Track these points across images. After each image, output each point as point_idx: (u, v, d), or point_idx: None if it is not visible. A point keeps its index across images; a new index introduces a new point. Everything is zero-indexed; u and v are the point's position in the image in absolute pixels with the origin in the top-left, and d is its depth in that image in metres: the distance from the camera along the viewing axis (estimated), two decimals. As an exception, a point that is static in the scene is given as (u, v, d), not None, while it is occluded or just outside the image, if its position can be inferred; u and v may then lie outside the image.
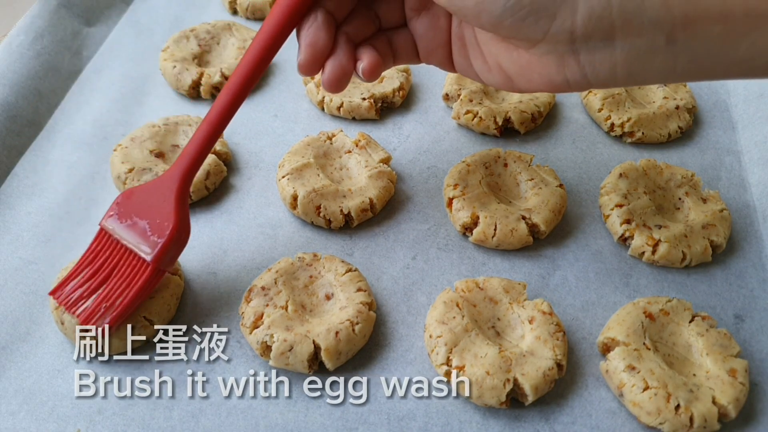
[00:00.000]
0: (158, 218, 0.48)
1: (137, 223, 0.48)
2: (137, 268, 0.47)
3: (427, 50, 0.50)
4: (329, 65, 0.47)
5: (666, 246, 0.56)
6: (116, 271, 0.48)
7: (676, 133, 0.68)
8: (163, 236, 0.47)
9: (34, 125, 0.68)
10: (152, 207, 0.49)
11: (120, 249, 0.48)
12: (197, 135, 0.49)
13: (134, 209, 0.49)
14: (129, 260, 0.48)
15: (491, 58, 0.46)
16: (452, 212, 0.59)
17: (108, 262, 0.48)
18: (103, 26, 0.81)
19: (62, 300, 0.49)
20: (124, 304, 0.47)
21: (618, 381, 0.48)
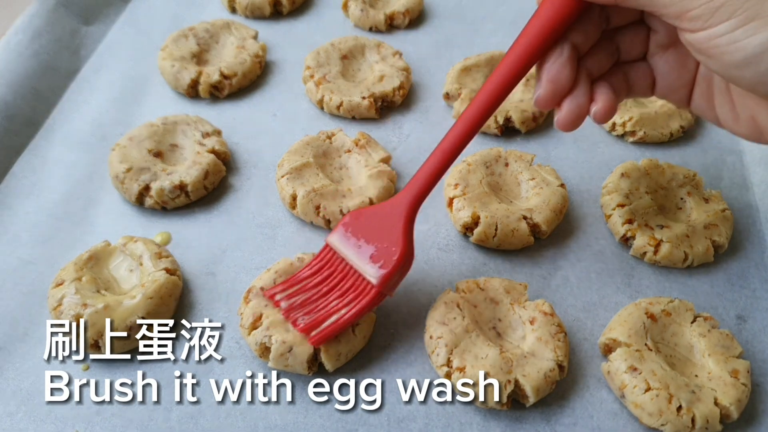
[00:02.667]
0: (386, 243, 0.48)
1: (364, 245, 0.48)
2: (360, 289, 0.47)
3: (667, 88, 0.48)
4: (567, 105, 0.44)
5: (668, 246, 0.55)
6: (338, 288, 0.48)
7: (678, 133, 0.67)
8: (391, 261, 0.47)
9: (32, 124, 0.68)
10: (380, 231, 0.49)
11: (345, 268, 0.49)
12: (430, 162, 0.49)
13: (362, 230, 0.49)
14: (353, 280, 0.48)
15: (744, 110, 0.43)
16: (453, 212, 0.59)
17: (331, 278, 0.49)
18: (101, 25, 0.81)
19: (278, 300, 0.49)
20: (342, 321, 0.47)
21: (620, 382, 0.48)
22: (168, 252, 0.56)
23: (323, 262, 0.50)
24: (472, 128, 0.47)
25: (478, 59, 0.73)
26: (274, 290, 0.50)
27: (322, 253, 0.50)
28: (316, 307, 0.48)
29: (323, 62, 0.72)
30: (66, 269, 0.53)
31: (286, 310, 0.49)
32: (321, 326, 0.47)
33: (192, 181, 0.60)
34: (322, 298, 0.49)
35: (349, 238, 0.49)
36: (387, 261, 0.47)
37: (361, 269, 0.48)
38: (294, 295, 0.49)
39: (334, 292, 0.48)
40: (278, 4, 0.83)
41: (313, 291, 0.49)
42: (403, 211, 0.49)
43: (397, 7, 0.81)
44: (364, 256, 0.48)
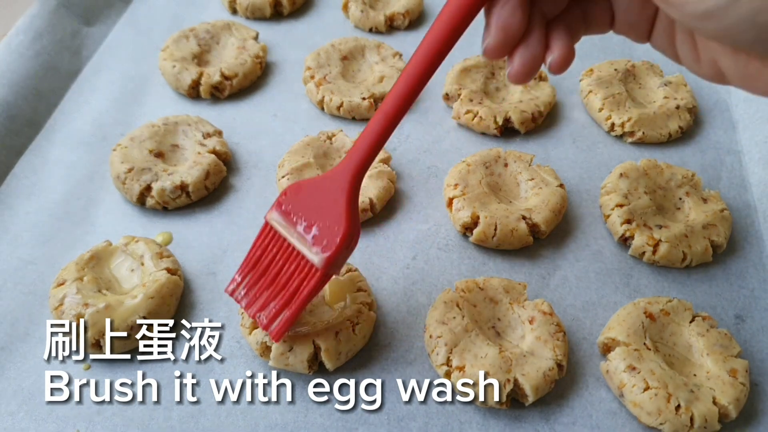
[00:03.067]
0: (328, 220, 0.44)
1: (305, 222, 0.45)
2: (305, 272, 0.44)
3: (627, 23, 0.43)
4: (519, 56, 0.40)
5: (666, 246, 0.56)
6: (284, 272, 0.45)
7: (676, 133, 0.68)
8: (334, 242, 0.43)
9: (33, 125, 0.68)
10: (321, 207, 0.45)
11: (287, 249, 0.45)
12: (371, 128, 0.44)
13: (302, 206, 0.45)
14: (297, 262, 0.45)
15: (706, 53, 0.40)
16: (452, 212, 0.59)
17: (275, 261, 0.46)
18: (102, 26, 0.81)
19: (242, 301, 0.47)
20: (293, 310, 0.45)
21: (618, 381, 0.48)
22: (169, 252, 0.56)
23: (267, 241, 0.47)
24: (415, 85, 0.42)
25: (477, 60, 0.73)
26: (232, 286, 0.48)
27: (263, 232, 0.47)
28: (268, 300, 0.46)
29: (323, 63, 0.72)
30: (67, 269, 0.53)
31: (246, 307, 0.47)
32: (276, 320, 0.45)
33: (193, 182, 0.60)
34: (271, 287, 0.46)
35: (288, 214, 0.46)
36: (330, 241, 0.44)
37: (303, 251, 0.44)
38: (249, 288, 0.47)
39: (281, 278, 0.45)
40: (279, 5, 0.83)
41: (261, 280, 0.46)
42: (344, 184, 0.45)
43: (397, 8, 0.81)
44: (306, 236, 0.44)
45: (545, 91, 0.70)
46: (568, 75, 0.75)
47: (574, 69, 0.75)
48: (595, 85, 0.71)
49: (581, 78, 0.73)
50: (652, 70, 0.73)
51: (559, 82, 0.74)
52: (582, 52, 0.79)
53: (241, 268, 0.48)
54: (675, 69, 0.76)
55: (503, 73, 0.73)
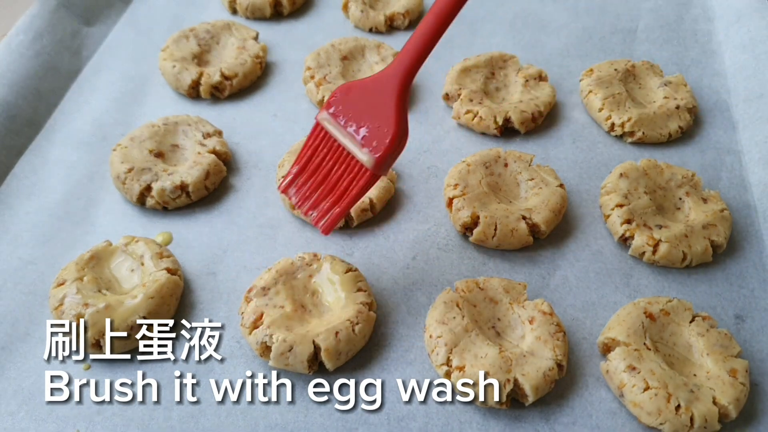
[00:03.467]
0: (378, 122, 0.45)
1: (354, 123, 0.45)
2: (354, 172, 0.45)
3: None
4: None
5: (666, 246, 0.56)
6: (334, 171, 0.47)
7: (676, 133, 0.68)
8: (383, 144, 0.44)
9: (33, 125, 0.68)
10: (371, 108, 0.45)
11: (337, 149, 0.46)
12: (422, 29, 0.44)
13: (351, 107, 0.46)
14: (347, 162, 0.46)
15: None
16: (452, 212, 0.59)
17: (326, 161, 0.47)
18: (102, 26, 0.81)
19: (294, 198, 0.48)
20: (342, 207, 0.46)
21: (618, 381, 0.48)
22: (169, 252, 0.56)
23: (317, 142, 0.47)
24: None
25: (477, 60, 0.73)
26: (284, 183, 0.49)
27: (314, 132, 0.48)
28: (319, 198, 0.47)
29: (323, 63, 0.72)
30: (67, 269, 0.53)
31: (298, 204, 0.48)
32: (326, 217, 0.47)
33: (193, 182, 0.60)
34: (322, 185, 0.47)
35: (338, 115, 0.46)
36: (380, 143, 0.44)
37: (353, 152, 0.45)
38: (300, 187, 0.48)
39: (331, 177, 0.47)
40: (279, 5, 0.83)
41: (313, 178, 0.48)
42: (394, 86, 0.45)
43: (397, 8, 0.81)
44: (356, 136, 0.45)
45: (545, 91, 0.70)
46: (568, 75, 0.75)
47: (574, 69, 0.76)
48: (595, 85, 0.71)
49: (581, 78, 0.73)
50: (652, 70, 0.73)
51: (559, 82, 0.74)
52: (582, 52, 0.79)
53: (294, 165, 0.48)
54: (675, 69, 0.76)
55: (503, 73, 0.73)
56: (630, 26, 0.82)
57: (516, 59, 0.74)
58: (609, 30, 0.82)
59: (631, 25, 0.82)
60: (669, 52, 0.78)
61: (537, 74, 0.72)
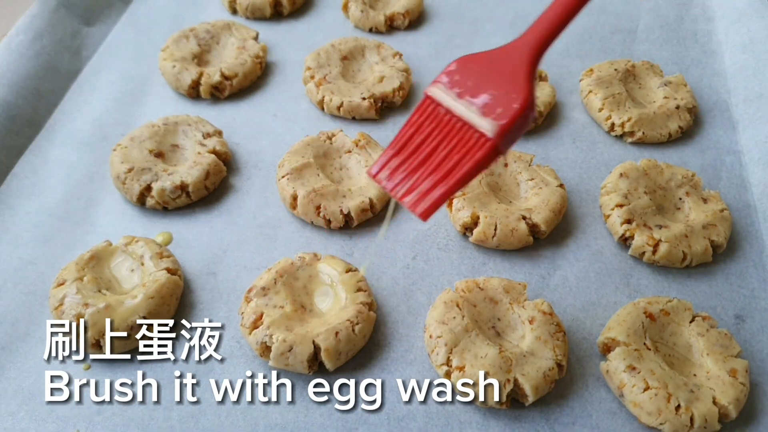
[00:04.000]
0: (504, 89, 0.40)
1: (475, 92, 0.40)
2: (471, 144, 0.39)
3: None
4: None
5: (666, 246, 0.56)
6: (442, 147, 0.40)
7: (676, 133, 0.68)
8: (510, 109, 0.39)
9: (33, 125, 0.68)
10: (497, 76, 0.40)
11: (450, 121, 0.40)
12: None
13: (472, 77, 0.41)
14: (460, 135, 0.40)
15: None
16: (452, 212, 0.59)
17: (431, 137, 0.41)
18: (102, 26, 0.81)
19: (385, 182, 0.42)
20: (450, 184, 0.40)
21: (618, 381, 0.48)
22: (169, 252, 0.56)
23: (423, 118, 0.42)
24: None
25: (477, 60, 0.73)
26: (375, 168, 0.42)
27: (420, 108, 0.42)
28: (420, 178, 0.40)
29: (323, 63, 0.72)
30: (67, 269, 0.53)
31: (391, 189, 0.41)
32: (431, 195, 0.40)
33: (193, 182, 0.60)
34: (423, 166, 0.41)
35: (454, 85, 0.41)
36: (506, 109, 0.39)
37: (471, 120, 0.40)
38: (395, 170, 0.41)
39: (437, 155, 0.40)
40: (279, 5, 0.83)
41: (411, 159, 0.41)
42: (527, 52, 0.41)
43: (397, 8, 0.81)
44: (476, 105, 0.40)
45: (545, 91, 0.70)
46: (568, 75, 0.75)
47: (574, 69, 0.76)
48: (595, 85, 0.71)
49: (581, 78, 0.73)
50: (652, 70, 0.73)
51: (559, 82, 0.74)
52: (582, 52, 0.79)
53: (389, 148, 0.42)
54: (675, 69, 0.76)
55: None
56: (630, 26, 0.82)
57: (516, 59, 0.74)
58: (609, 30, 0.82)
59: (631, 25, 0.82)
60: (669, 52, 0.78)
61: (537, 74, 0.72)
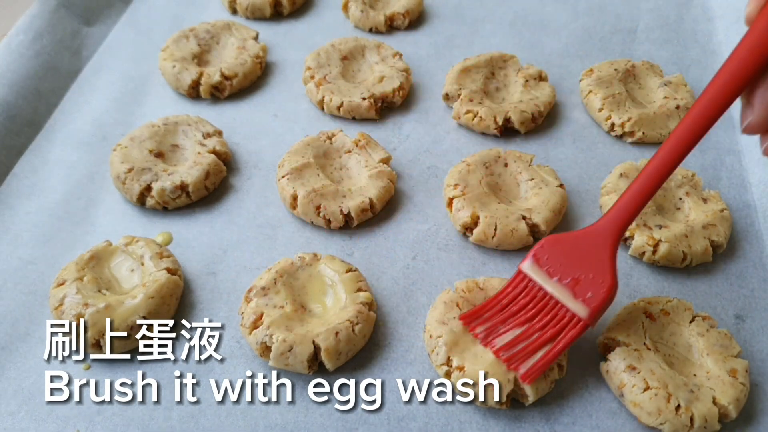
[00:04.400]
0: (591, 273, 0.46)
1: (564, 274, 0.47)
2: (565, 322, 0.46)
3: None
4: None
5: (666, 246, 0.56)
6: (538, 319, 0.47)
7: (676, 133, 0.68)
8: (599, 294, 0.46)
9: (33, 125, 0.68)
10: (583, 259, 0.47)
11: (543, 298, 0.47)
12: (637, 185, 0.46)
13: (561, 258, 0.47)
14: (554, 312, 0.46)
15: None
16: (452, 212, 0.59)
17: (527, 309, 0.47)
18: (102, 26, 0.81)
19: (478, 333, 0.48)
20: (548, 357, 0.46)
21: (618, 381, 0.48)
22: (169, 252, 0.56)
23: (518, 290, 0.48)
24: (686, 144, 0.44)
25: (477, 60, 0.73)
26: (471, 319, 0.49)
27: (516, 279, 0.48)
28: (518, 339, 0.47)
29: (323, 63, 0.72)
30: (67, 269, 0.53)
31: (484, 338, 0.48)
32: (529, 361, 0.46)
33: (193, 182, 0.60)
34: (521, 328, 0.47)
35: (545, 265, 0.47)
36: (595, 293, 0.46)
37: (564, 302, 0.46)
38: (494, 326, 0.48)
39: (534, 324, 0.47)
40: (279, 5, 0.83)
41: (510, 320, 0.48)
42: (608, 238, 0.47)
43: (397, 8, 0.81)
44: (566, 287, 0.46)
45: (545, 91, 0.70)
46: (568, 75, 0.75)
47: (574, 69, 0.76)
48: (595, 85, 0.71)
49: (581, 78, 0.73)
50: (652, 70, 0.73)
51: (559, 82, 0.74)
52: (582, 52, 0.79)
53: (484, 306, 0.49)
54: (675, 69, 0.76)
55: (503, 73, 0.73)
56: (630, 26, 0.82)
57: (516, 59, 0.74)
58: (609, 30, 0.82)
59: (631, 25, 0.82)
60: (669, 52, 0.78)
61: (537, 74, 0.72)
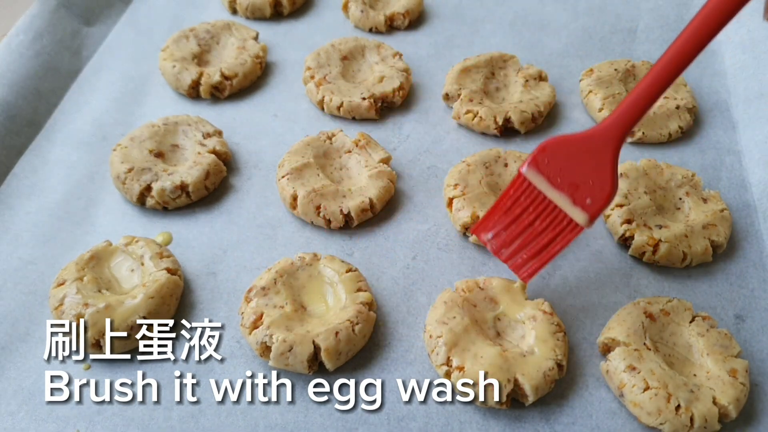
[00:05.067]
0: (591, 178, 0.46)
1: (564, 179, 0.46)
2: (562, 226, 0.47)
3: None
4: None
5: (667, 246, 0.56)
6: (537, 223, 0.48)
7: (676, 133, 0.68)
8: (598, 201, 0.45)
9: (33, 125, 0.68)
10: (583, 164, 0.46)
11: (542, 202, 0.47)
12: (640, 88, 0.44)
13: (561, 163, 0.46)
14: (552, 216, 0.47)
15: None
16: (452, 212, 0.59)
17: (527, 212, 0.48)
18: (102, 26, 0.81)
19: (486, 239, 0.50)
20: (545, 258, 0.47)
21: (618, 381, 0.48)
22: (169, 252, 0.56)
23: (518, 193, 0.48)
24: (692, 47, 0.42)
25: (477, 60, 0.73)
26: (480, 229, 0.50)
27: (515, 184, 0.48)
28: (521, 245, 0.48)
29: (323, 63, 0.72)
30: (67, 269, 0.53)
31: (495, 249, 0.50)
32: (529, 263, 0.48)
33: (193, 182, 0.60)
34: (521, 235, 0.48)
35: (545, 170, 0.47)
36: (594, 200, 0.45)
37: (564, 208, 0.46)
38: (497, 235, 0.49)
39: (535, 227, 0.48)
40: (279, 5, 0.83)
41: (513, 226, 0.49)
42: (609, 142, 0.46)
43: (397, 8, 0.81)
44: (566, 192, 0.46)
45: (545, 91, 0.70)
46: (568, 75, 0.75)
47: (574, 69, 0.76)
48: (595, 85, 0.71)
49: (581, 78, 0.73)
50: (652, 70, 0.73)
51: (559, 82, 0.74)
52: (582, 52, 0.79)
53: (490, 215, 0.50)
54: (675, 69, 0.76)
55: (503, 73, 0.73)
56: (630, 26, 0.82)
57: (516, 59, 0.74)
58: (609, 30, 0.82)
59: (631, 25, 0.82)
60: (669, 52, 0.78)
61: (537, 74, 0.72)
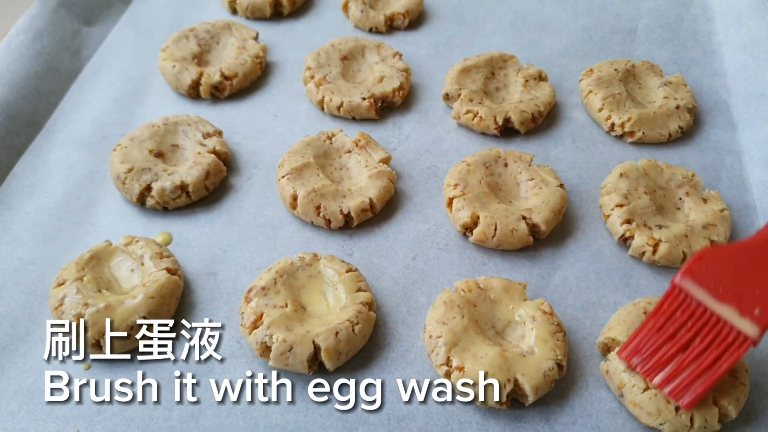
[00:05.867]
0: (758, 288, 0.44)
1: (727, 288, 0.44)
2: (729, 341, 0.43)
3: None
4: None
5: (667, 246, 0.56)
6: (698, 340, 0.44)
7: (676, 133, 0.68)
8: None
9: (33, 125, 0.68)
10: (749, 273, 0.44)
11: (702, 316, 0.44)
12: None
13: (722, 273, 0.45)
14: (716, 330, 0.44)
15: None
16: (452, 212, 0.59)
17: (685, 327, 0.45)
18: (102, 26, 0.81)
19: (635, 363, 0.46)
20: (711, 380, 0.44)
21: (618, 381, 0.48)
22: (169, 252, 0.56)
23: (674, 307, 0.46)
24: None
25: (477, 60, 0.73)
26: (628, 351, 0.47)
27: (671, 295, 0.46)
28: (679, 366, 0.45)
29: (323, 63, 0.72)
30: (67, 269, 0.53)
31: (646, 372, 0.46)
32: (692, 387, 0.44)
33: (193, 182, 0.60)
34: (681, 353, 0.45)
35: (703, 279, 0.45)
36: (765, 309, 0.43)
37: (730, 320, 0.43)
38: (650, 356, 0.46)
39: (694, 345, 0.44)
40: (279, 5, 0.83)
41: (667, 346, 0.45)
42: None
43: (397, 8, 0.81)
44: (730, 303, 0.44)
45: (545, 91, 0.70)
46: (568, 75, 0.75)
47: (574, 69, 0.76)
48: (595, 85, 0.71)
49: (581, 78, 0.73)
50: (652, 70, 0.73)
51: (559, 82, 0.74)
52: (582, 52, 0.79)
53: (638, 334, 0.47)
54: (675, 69, 0.76)
55: (503, 73, 0.73)
56: (630, 26, 0.82)
57: (516, 59, 0.74)
58: (609, 30, 0.82)
59: (631, 25, 0.82)
60: (669, 52, 0.78)
61: (537, 74, 0.72)
